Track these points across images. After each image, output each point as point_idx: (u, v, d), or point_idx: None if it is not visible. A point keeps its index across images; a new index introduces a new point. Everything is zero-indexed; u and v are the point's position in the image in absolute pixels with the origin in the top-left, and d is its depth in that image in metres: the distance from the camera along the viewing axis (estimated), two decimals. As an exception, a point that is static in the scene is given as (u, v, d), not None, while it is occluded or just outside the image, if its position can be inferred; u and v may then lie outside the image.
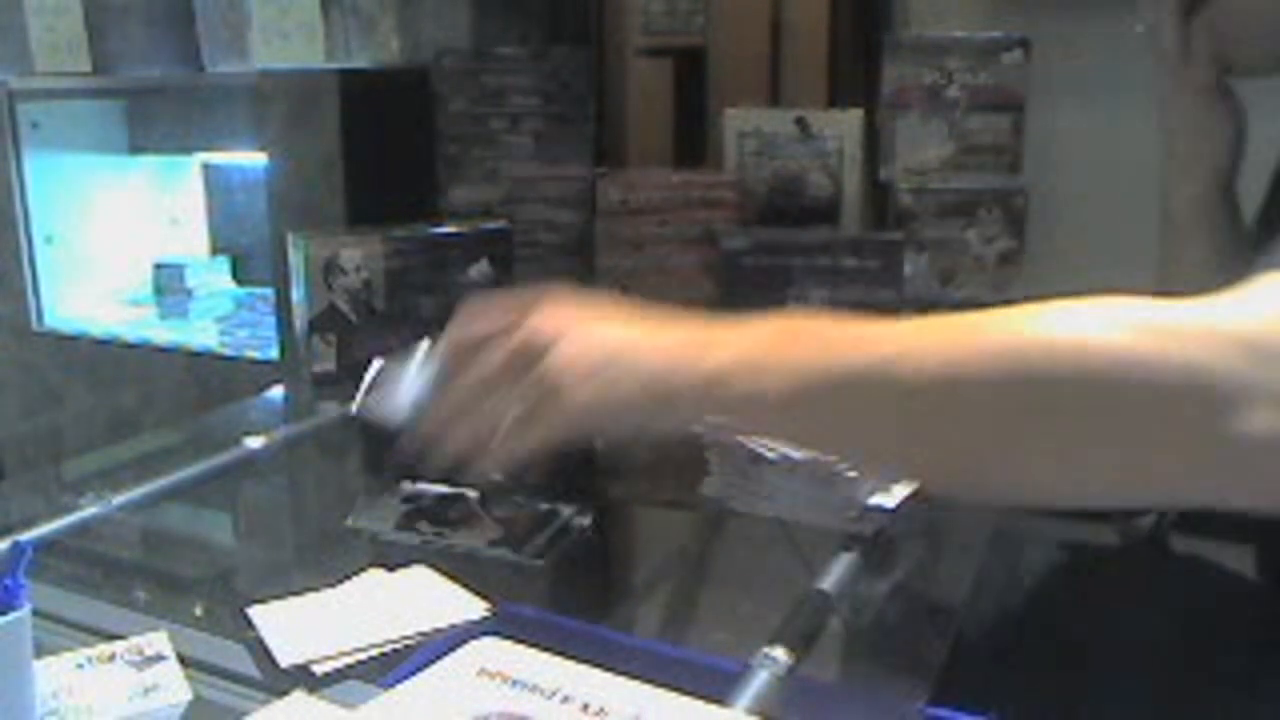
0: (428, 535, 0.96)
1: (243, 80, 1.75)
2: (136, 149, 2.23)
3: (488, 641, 0.70)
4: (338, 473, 1.31)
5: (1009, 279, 1.49)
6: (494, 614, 0.81)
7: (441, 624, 0.79)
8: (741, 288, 1.42)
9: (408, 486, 1.05)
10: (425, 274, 1.44)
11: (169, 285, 2.27)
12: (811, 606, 0.81)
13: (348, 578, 0.87)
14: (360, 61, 1.66)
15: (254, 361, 1.89)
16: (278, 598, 0.83)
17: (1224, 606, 0.97)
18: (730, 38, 1.75)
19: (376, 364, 0.83)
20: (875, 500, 0.96)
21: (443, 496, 1.03)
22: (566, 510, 1.00)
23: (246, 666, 0.75)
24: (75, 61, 1.83)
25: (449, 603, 0.83)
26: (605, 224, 1.50)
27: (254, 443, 1.18)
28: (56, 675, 0.71)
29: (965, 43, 1.47)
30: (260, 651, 0.76)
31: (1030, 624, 1.04)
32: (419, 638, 0.78)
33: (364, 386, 0.85)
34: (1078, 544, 1.14)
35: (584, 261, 1.56)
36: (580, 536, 0.98)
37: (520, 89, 1.61)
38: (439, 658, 0.68)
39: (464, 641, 0.70)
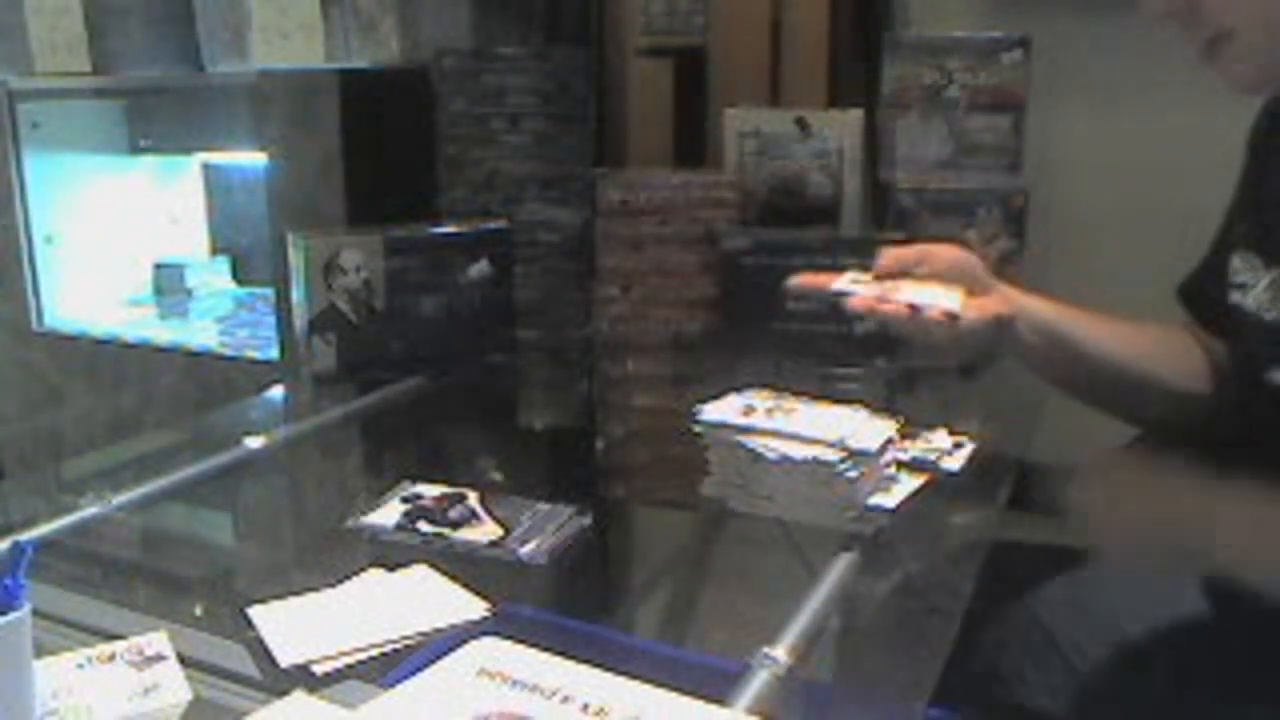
0: (428, 535, 0.96)
1: (243, 80, 1.75)
2: (136, 149, 2.23)
3: (488, 641, 0.70)
4: (338, 473, 1.31)
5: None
6: (494, 614, 0.81)
7: (441, 624, 0.79)
8: (741, 288, 1.42)
9: (408, 486, 1.05)
10: (425, 274, 1.44)
11: (169, 285, 2.27)
12: (811, 606, 0.81)
13: (348, 578, 0.87)
14: (360, 61, 1.66)
15: (254, 361, 1.89)
16: (278, 598, 0.83)
17: (1220, 607, 0.97)
18: (730, 38, 1.75)
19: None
20: (875, 500, 0.96)
21: (443, 496, 1.03)
22: (566, 510, 1.00)
23: (246, 666, 0.75)
24: (75, 61, 1.83)
25: (449, 603, 0.83)
26: (605, 224, 1.49)
27: (254, 443, 1.18)
28: (56, 675, 0.70)
29: (965, 43, 1.47)
30: (260, 651, 0.76)
31: (1029, 625, 1.04)
32: (419, 638, 0.78)
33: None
34: (1076, 546, 1.14)
35: (584, 261, 1.56)
36: (580, 536, 0.98)
37: (520, 89, 1.61)
38: (439, 658, 0.68)
39: (464, 641, 0.70)
